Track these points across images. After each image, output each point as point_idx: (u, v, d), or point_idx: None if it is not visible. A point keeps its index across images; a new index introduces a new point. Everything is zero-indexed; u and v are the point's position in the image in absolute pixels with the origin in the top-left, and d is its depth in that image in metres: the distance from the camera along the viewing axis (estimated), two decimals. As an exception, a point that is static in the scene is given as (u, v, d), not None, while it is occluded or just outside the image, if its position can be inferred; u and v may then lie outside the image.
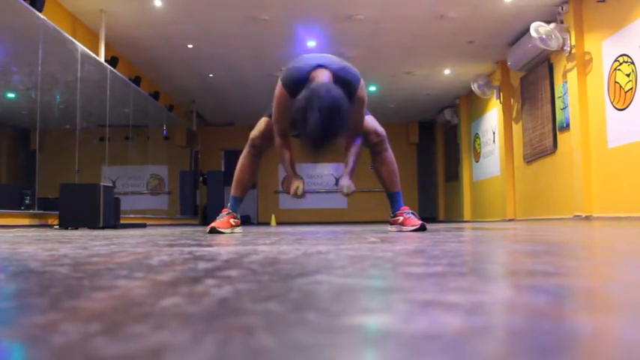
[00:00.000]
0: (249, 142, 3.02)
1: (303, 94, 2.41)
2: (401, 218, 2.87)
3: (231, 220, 2.91)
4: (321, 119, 2.29)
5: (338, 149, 2.68)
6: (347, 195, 2.75)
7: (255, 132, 3.00)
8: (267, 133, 2.93)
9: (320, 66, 2.61)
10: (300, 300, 0.52)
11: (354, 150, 2.83)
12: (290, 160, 2.84)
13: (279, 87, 2.70)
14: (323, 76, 2.53)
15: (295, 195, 2.77)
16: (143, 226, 6.15)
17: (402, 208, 2.91)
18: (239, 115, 12.35)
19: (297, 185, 2.76)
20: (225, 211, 2.95)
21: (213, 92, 10.82)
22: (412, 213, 2.89)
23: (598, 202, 6.35)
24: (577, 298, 0.54)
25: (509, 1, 6.70)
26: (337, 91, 2.38)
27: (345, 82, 2.55)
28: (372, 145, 2.94)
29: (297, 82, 2.56)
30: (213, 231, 2.76)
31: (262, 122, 2.99)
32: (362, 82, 2.72)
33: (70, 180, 5.90)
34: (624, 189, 5.83)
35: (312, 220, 12.85)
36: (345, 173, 2.81)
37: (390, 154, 2.97)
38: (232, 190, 3.06)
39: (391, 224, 2.96)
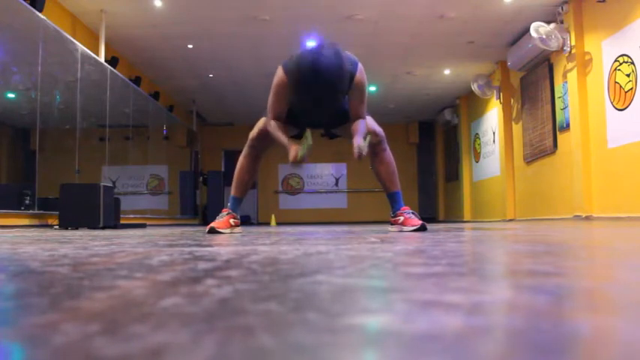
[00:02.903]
0: (248, 142, 3.02)
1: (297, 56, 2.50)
2: (401, 218, 2.86)
3: (231, 221, 2.91)
4: (316, 60, 2.38)
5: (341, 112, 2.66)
6: (361, 154, 2.55)
7: (254, 132, 2.99)
8: (266, 133, 2.92)
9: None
10: (300, 300, 0.52)
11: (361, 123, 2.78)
12: (285, 132, 2.76)
13: (279, 72, 2.72)
14: None
15: (295, 162, 2.58)
16: (143, 226, 6.15)
17: (402, 208, 2.90)
18: (239, 115, 12.35)
19: (296, 149, 2.58)
20: (224, 212, 2.95)
21: (213, 92, 10.82)
22: (413, 213, 2.88)
23: (598, 202, 6.35)
24: (577, 298, 0.54)
25: (509, 1, 6.70)
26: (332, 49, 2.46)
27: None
28: (371, 145, 2.93)
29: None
30: (213, 231, 2.76)
31: (262, 122, 2.99)
32: (360, 65, 2.71)
33: (70, 180, 5.90)
34: (624, 189, 5.83)
35: (312, 220, 12.85)
36: (357, 135, 2.65)
37: (388, 154, 2.97)
38: (232, 191, 3.06)
39: (392, 224, 2.95)
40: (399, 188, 2.98)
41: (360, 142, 2.59)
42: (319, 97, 2.44)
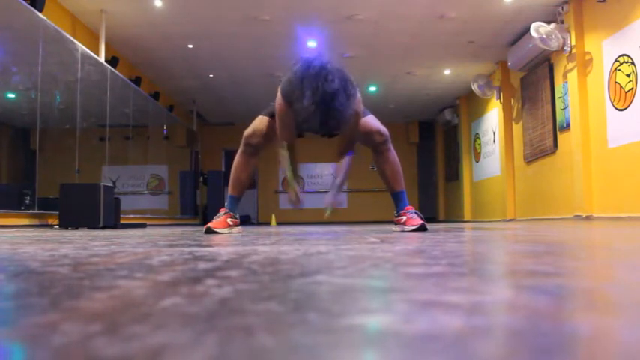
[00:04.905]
0: (243, 140, 2.98)
1: (299, 67, 2.39)
2: (404, 218, 2.86)
3: (229, 220, 2.89)
4: (318, 83, 2.24)
5: (344, 122, 2.62)
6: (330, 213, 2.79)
7: (249, 130, 2.95)
8: (267, 134, 2.91)
9: None
10: (300, 300, 0.52)
11: (345, 163, 2.82)
12: (293, 165, 2.82)
13: (279, 100, 2.65)
14: None
15: (292, 203, 2.88)
16: (143, 226, 6.15)
17: (406, 208, 2.90)
18: (239, 115, 12.34)
19: (294, 193, 2.87)
20: (222, 211, 2.93)
21: (213, 92, 10.82)
22: (416, 213, 2.87)
23: (598, 202, 6.35)
24: (577, 298, 0.54)
25: (509, 1, 6.70)
26: (334, 66, 2.38)
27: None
28: (376, 145, 2.91)
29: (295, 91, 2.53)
30: (210, 231, 2.74)
31: (260, 122, 2.94)
32: (358, 94, 2.65)
33: (70, 180, 5.90)
34: (624, 189, 5.83)
35: (312, 220, 12.84)
36: (333, 188, 2.84)
37: (393, 153, 2.96)
38: (229, 190, 3.04)
39: (395, 224, 2.95)
40: (403, 188, 2.97)
41: (331, 199, 2.83)
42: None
